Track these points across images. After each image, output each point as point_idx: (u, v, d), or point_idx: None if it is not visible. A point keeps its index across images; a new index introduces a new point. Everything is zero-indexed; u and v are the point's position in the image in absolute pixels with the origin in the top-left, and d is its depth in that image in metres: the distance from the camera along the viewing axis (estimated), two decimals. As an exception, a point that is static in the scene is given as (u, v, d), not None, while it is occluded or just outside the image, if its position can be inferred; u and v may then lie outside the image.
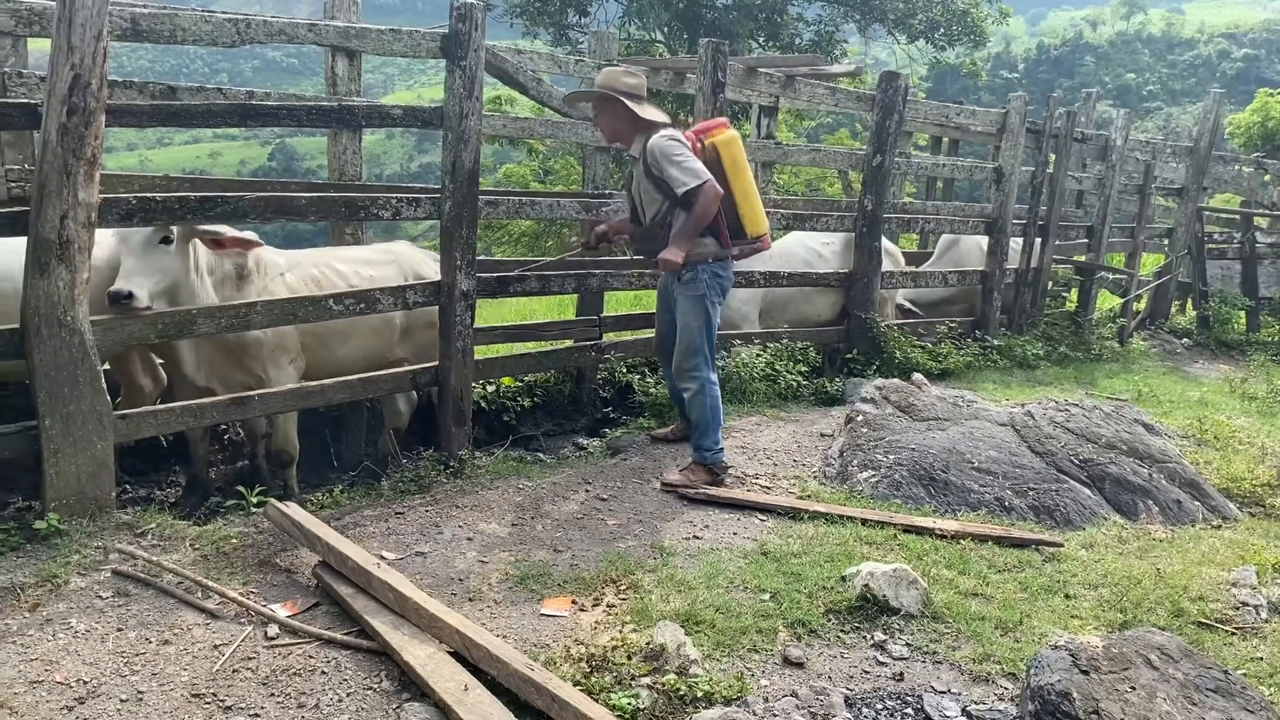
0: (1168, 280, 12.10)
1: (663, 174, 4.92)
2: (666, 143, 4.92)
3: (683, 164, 4.86)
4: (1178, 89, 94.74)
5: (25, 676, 3.12)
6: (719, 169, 5.01)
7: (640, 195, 5.19)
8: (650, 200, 5.12)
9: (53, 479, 4.10)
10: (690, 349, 5.21)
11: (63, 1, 3.78)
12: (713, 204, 4.88)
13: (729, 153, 5.08)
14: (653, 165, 4.95)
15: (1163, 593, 4.10)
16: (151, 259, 4.65)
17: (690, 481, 5.13)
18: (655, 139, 4.95)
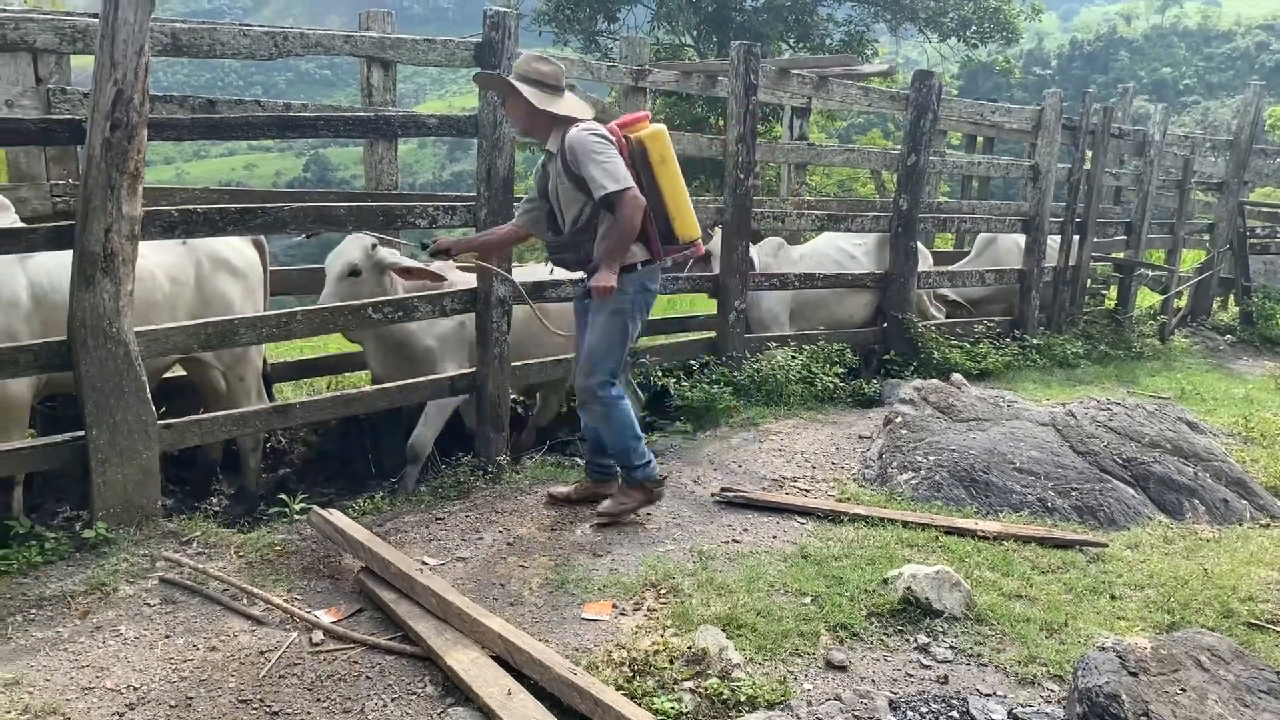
0: (1209, 276, 11.93)
1: (582, 173, 4.37)
2: (588, 137, 4.35)
3: (604, 164, 4.31)
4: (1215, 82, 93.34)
5: (77, 683, 3.17)
6: (646, 167, 4.48)
7: (558, 197, 4.59)
8: (570, 202, 4.53)
9: (100, 488, 4.17)
10: (594, 367, 4.58)
11: (106, 19, 3.84)
12: (636, 214, 4.33)
13: (656, 148, 4.51)
14: (572, 163, 4.38)
15: (1211, 593, 4.03)
16: (342, 288, 5.33)
17: (624, 506, 4.71)
18: (574, 133, 4.37)
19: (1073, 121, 9.49)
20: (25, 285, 4.45)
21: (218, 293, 5.26)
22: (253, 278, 5.51)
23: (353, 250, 5.44)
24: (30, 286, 4.46)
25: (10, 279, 4.39)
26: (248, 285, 5.45)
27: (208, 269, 5.25)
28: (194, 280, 5.19)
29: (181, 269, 5.13)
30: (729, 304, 6.94)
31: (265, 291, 5.68)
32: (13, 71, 4.97)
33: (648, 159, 4.49)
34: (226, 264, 5.33)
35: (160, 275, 4.98)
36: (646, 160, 4.49)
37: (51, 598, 3.71)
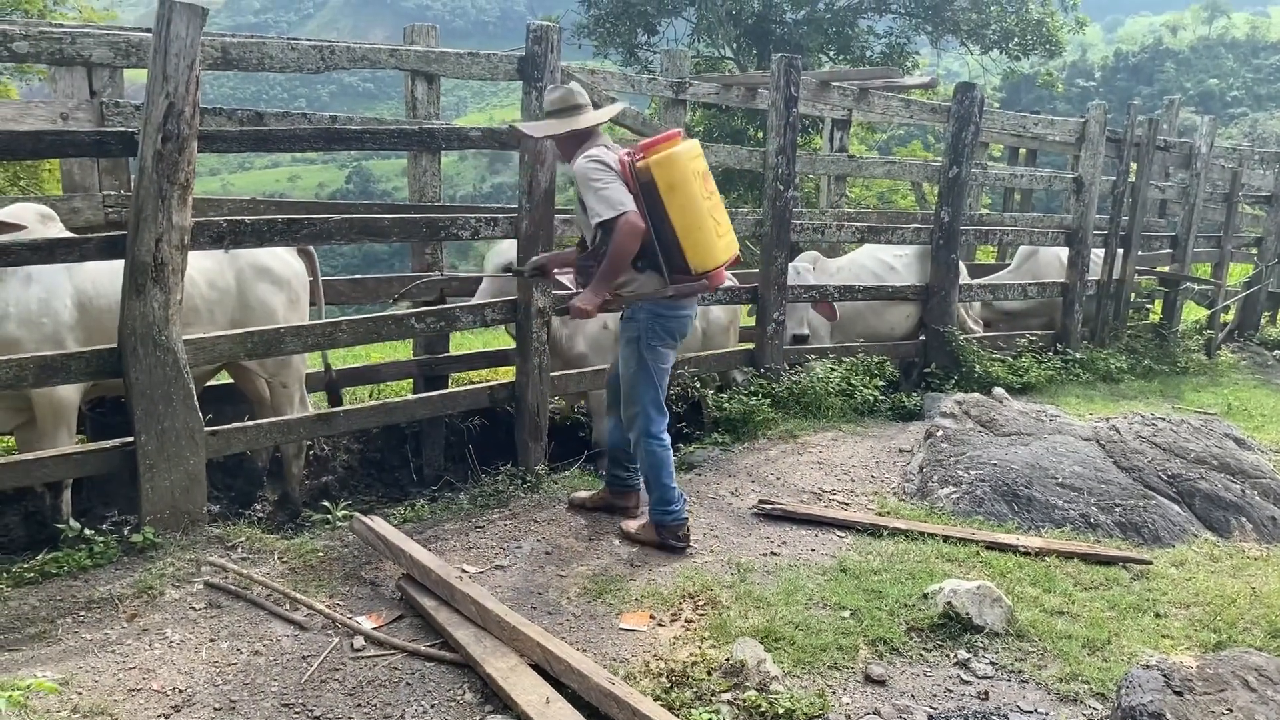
0: (1257, 290, 11.74)
1: (584, 201, 4.33)
2: (588, 166, 4.27)
3: (600, 191, 4.20)
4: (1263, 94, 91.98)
5: (124, 684, 3.23)
6: (654, 195, 4.24)
7: (579, 219, 4.63)
8: (584, 225, 4.51)
9: (148, 493, 4.25)
10: (629, 398, 4.59)
11: (159, 33, 3.93)
12: (629, 240, 4.17)
13: (663, 175, 4.23)
14: (578, 191, 4.40)
15: (1259, 612, 3.97)
16: (497, 284, 5.76)
17: (640, 539, 4.63)
18: (578, 162, 4.33)
19: (1117, 134, 9.39)
20: (71, 292, 4.56)
21: (259, 301, 5.35)
22: (296, 286, 5.58)
23: (510, 250, 5.65)
24: (75, 293, 4.57)
25: (57, 286, 4.51)
26: (291, 294, 5.52)
27: (249, 277, 5.33)
28: (235, 288, 5.28)
29: (222, 276, 5.23)
30: (768, 316, 6.94)
31: (319, 300, 5.76)
32: (68, 84, 5.09)
33: (655, 187, 4.25)
34: (269, 272, 5.41)
35: (200, 281, 5.08)
36: (654, 188, 4.25)
37: (100, 600, 3.78)
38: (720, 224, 4.40)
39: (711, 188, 4.39)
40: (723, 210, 4.47)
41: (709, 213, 4.34)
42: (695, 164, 4.32)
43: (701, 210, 4.31)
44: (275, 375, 5.55)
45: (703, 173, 4.35)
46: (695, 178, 4.29)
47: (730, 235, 4.48)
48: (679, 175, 4.25)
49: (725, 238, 4.43)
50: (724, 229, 4.43)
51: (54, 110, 5.04)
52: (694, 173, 4.29)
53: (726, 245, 4.43)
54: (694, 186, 4.28)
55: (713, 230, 4.35)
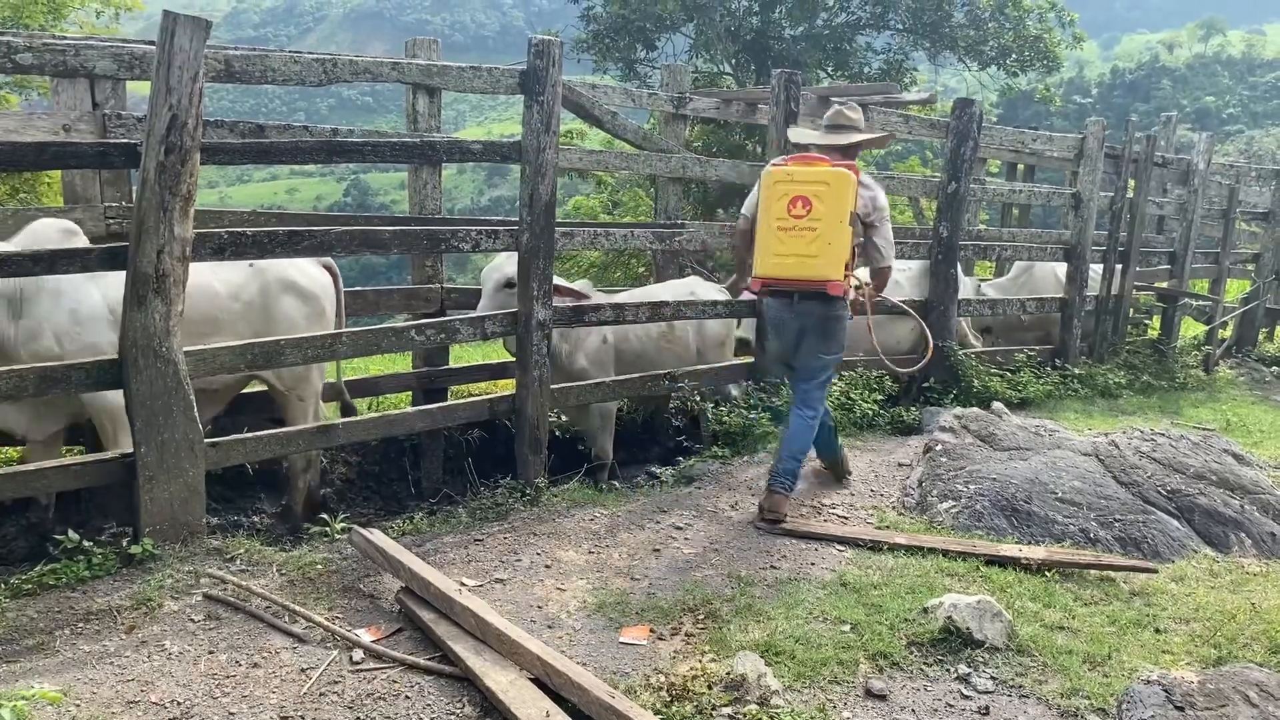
0: (1255, 306, 11.77)
1: (877, 222, 5.22)
2: (880, 193, 5.26)
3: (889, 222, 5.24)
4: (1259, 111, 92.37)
5: (122, 696, 3.22)
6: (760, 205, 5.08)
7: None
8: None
9: (147, 505, 4.24)
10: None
11: (162, 46, 3.94)
12: (734, 238, 5.22)
13: (763, 184, 5.02)
14: (874, 211, 5.19)
15: (1259, 628, 3.96)
16: (499, 299, 5.71)
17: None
18: (875, 187, 5.25)
19: (1115, 150, 9.42)
20: (100, 304, 4.61)
21: (284, 314, 5.43)
22: (323, 301, 5.62)
23: (510, 265, 5.70)
24: (106, 301, 4.62)
25: (87, 299, 4.55)
26: (315, 308, 5.57)
27: (275, 291, 5.38)
28: (260, 301, 5.32)
29: (246, 289, 5.27)
30: (766, 330, 6.93)
31: (340, 314, 5.80)
32: (71, 96, 5.10)
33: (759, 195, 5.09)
34: (294, 286, 5.47)
35: (224, 293, 5.12)
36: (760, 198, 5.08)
37: (98, 612, 3.77)
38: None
39: (799, 211, 4.91)
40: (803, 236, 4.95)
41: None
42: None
43: (771, 223, 5.00)
44: (292, 388, 5.58)
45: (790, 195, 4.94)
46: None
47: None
48: (771, 186, 4.99)
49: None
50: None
51: (56, 122, 5.05)
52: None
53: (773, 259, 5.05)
54: (774, 199, 4.96)
55: (775, 243, 5.00)
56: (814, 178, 4.90)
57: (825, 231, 4.89)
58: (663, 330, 6.77)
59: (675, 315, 6.57)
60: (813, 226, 4.88)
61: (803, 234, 4.89)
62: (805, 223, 4.88)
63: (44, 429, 4.91)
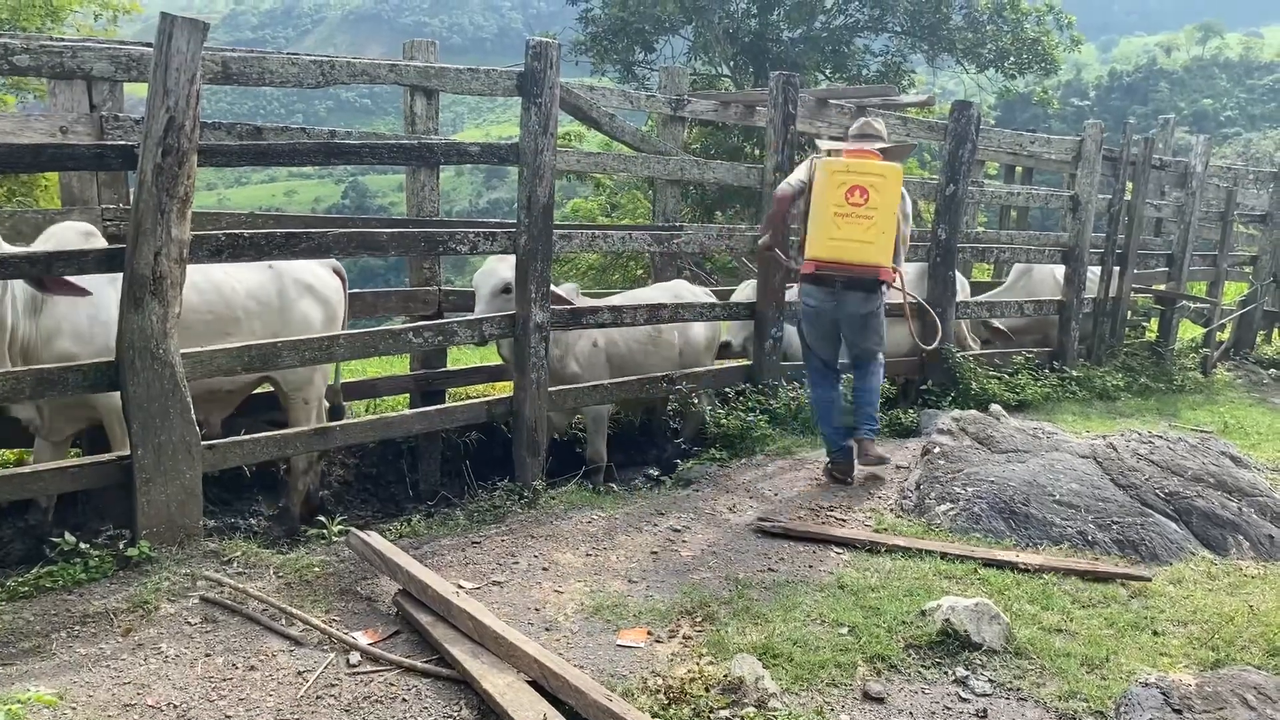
0: (1252, 309, 11.78)
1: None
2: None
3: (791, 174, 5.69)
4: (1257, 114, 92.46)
5: (119, 699, 3.21)
6: (809, 191, 5.50)
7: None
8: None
9: (144, 507, 4.23)
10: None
11: (160, 48, 3.94)
12: (771, 209, 5.65)
13: (818, 174, 5.45)
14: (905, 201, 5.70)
15: (1257, 630, 3.96)
16: (496, 303, 5.77)
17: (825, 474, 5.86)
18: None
19: (1113, 152, 9.43)
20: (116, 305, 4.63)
21: (302, 316, 5.47)
22: (334, 302, 5.64)
23: (504, 270, 5.76)
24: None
25: (105, 301, 4.56)
26: (329, 310, 5.59)
27: (293, 294, 5.40)
28: (277, 302, 5.33)
29: (264, 290, 5.28)
30: (765, 332, 6.94)
31: (345, 316, 5.82)
32: (68, 98, 5.10)
33: (813, 184, 5.47)
34: (311, 289, 5.48)
35: (242, 292, 5.13)
36: (812, 186, 5.47)
37: (95, 615, 3.77)
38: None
39: (857, 199, 5.33)
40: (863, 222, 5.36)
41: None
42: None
43: (826, 207, 5.37)
44: (298, 390, 5.59)
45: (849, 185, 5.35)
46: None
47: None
48: (825, 176, 5.37)
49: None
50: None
51: (53, 123, 5.05)
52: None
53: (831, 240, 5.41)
54: (827, 186, 5.37)
55: (830, 225, 5.37)
56: (872, 170, 5.35)
57: (880, 220, 5.32)
58: (650, 333, 6.77)
59: (674, 317, 6.58)
60: (869, 215, 5.30)
61: (860, 221, 5.30)
62: (863, 211, 5.29)
63: (62, 429, 4.94)
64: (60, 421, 4.87)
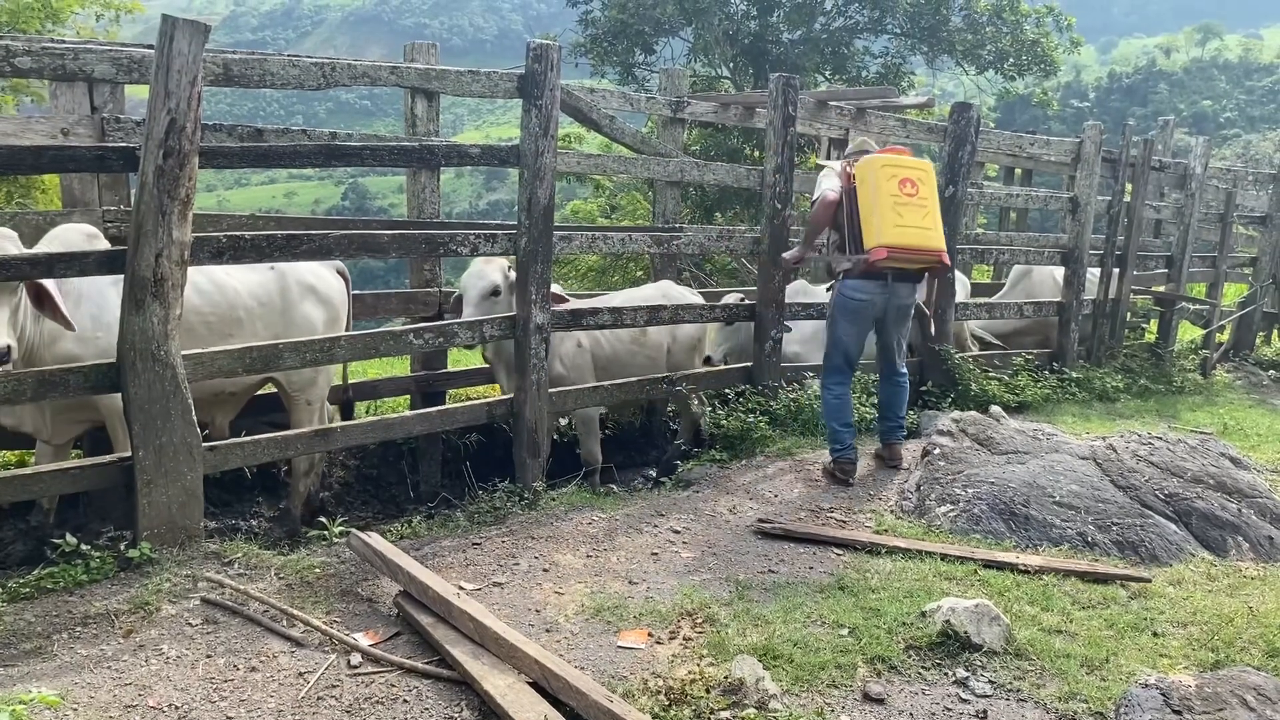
0: (1252, 311, 11.78)
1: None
2: (823, 172, 5.95)
3: (820, 183, 5.83)
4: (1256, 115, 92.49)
5: (120, 700, 3.22)
6: (850, 190, 5.63)
7: None
8: None
9: (145, 508, 4.24)
10: (824, 357, 6.05)
11: (161, 50, 3.95)
12: (817, 212, 5.70)
13: (858, 174, 5.62)
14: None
15: (1256, 631, 3.96)
16: (484, 307, 5.80)
17: (823, 474, 5.87)
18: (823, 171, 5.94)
19: (1112, 154, 9.43)
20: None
21: (304, 317, 5.49)
22: (337, 303, 5.65)
23: (492, 273, 5.81)
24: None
25: (108, 303, 4.57)
26: (332, 313, 5.60)
27: (295, 294, 5.41)
28: (280, 303, 5.34)
29: (265, 288, 5.29)
30: (765, 333, 6.95)
31: (349, 318, 5.82)
32: (69, 100, 5.11)
33: (852, 184, 5.62)
34: (313, 290, 5.49)
35: (244, 293, 5.14)
36: (851, 185, 5.62)
37: (96, 616, 3.77)
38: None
39: (910, 189, 5.57)
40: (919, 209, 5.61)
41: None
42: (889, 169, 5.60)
43: (883, 201, 5.53)
44: (301, 392, 5.60)
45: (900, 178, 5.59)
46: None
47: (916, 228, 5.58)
48: (872, 174, 5.57)
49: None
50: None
51: (55, 125, 5.06)
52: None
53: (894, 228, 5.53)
54: (876, 183, 5.55)
55: (891, 216, 5.51)
56: (914, 164, 5.69)
57: (931, 209, 5.64)
58: (635, 334, 6.74)
59: (674, 319, 6.59)
60: (923, 204, 5.58)
61: (917, 208, 5.55)
62: (917, 200, 5.56)
63: (64, 432, 4.94)
64: (62, 424, 4.87)
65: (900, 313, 5.89)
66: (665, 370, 6.82)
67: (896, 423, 6.12)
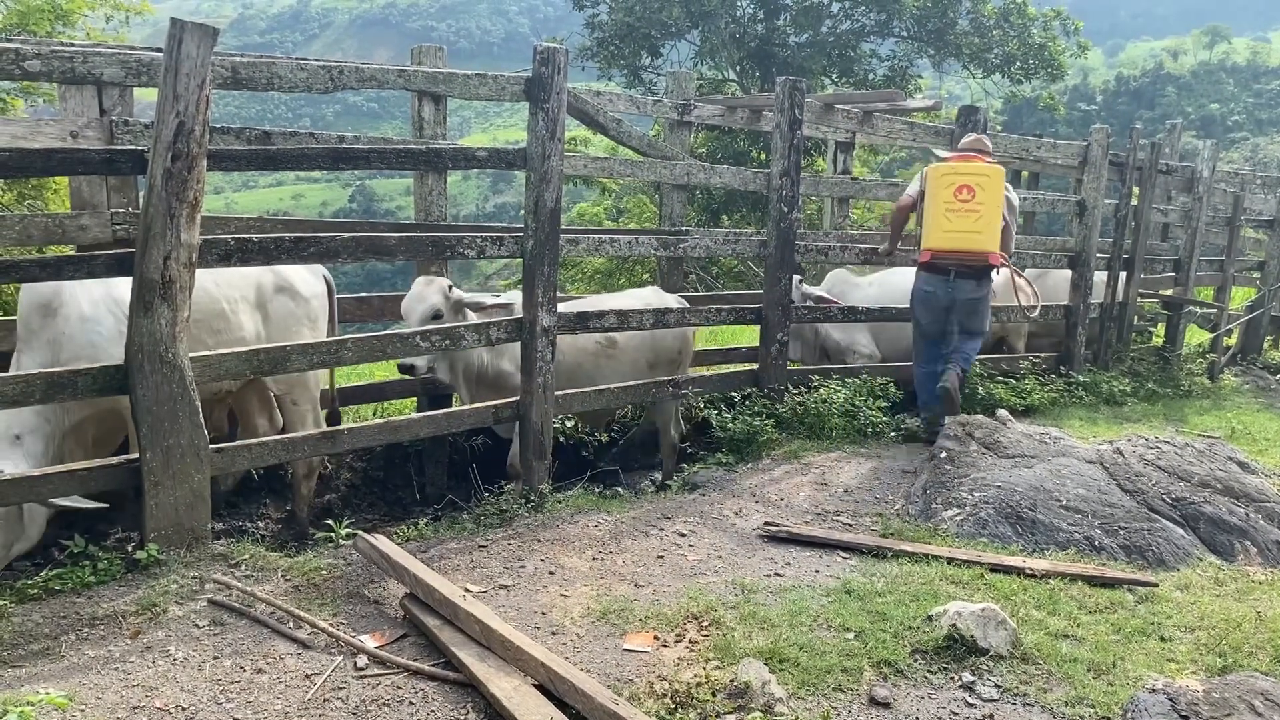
0: (1260, 314, 11.75)
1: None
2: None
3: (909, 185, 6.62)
4: (1264, 118, 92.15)
5: (127, 702, 3.22)
6: (923, 192, 6.41)
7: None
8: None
9: (152, 510, 4.25)
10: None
11: (170, 53, 3.96)
12: (893, 213, 6.76)
13: (929, 177, 6.41)
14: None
15: (1264, 636, 3.95)
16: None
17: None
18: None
19: (1119, 157, 9.42)
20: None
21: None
22: (314, 304, 5.65)
23: (433, 295, 5.76)
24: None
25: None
26: (306, 309, 5.59)
27: (269, 290, 5.42)
28: (254, 297, 5.36)
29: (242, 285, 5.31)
30: (771, 336, 6.95)
31: (332, 321, 5.83)
32: (78, 103, 5.13)
33: (925, 185, 6.42)
34: (288, 288, 5.50)
35: (211, 284, 5.15)
36: (924, 186, 6.43)
37: (103, 617, 3.78)
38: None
39: (965, 196, 6.26)
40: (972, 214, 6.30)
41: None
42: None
43: (941, 205, 6.31)
44: (287, 393, 5.60)
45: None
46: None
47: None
48: (941, 179, 6.32)
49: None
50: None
51: (64, 128, 5.08)
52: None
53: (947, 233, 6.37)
54: (942, 188, 6.32)
55: (946, 220, 6.30)
56: (977, 170, 6.31)
57: (986, 213, 6.20)
58: (601, 345, 6.50)
59: (679, 322, 6.59)
60: (976, 209, 6.16)
61: (967, 215, 6.16)
62: (970, 206, 6.14)
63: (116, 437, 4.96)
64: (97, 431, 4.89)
65: (966, 305, 6.52)
66: (652, 380, 6.60)
67: (959, 357, 6.65)
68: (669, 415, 7.00)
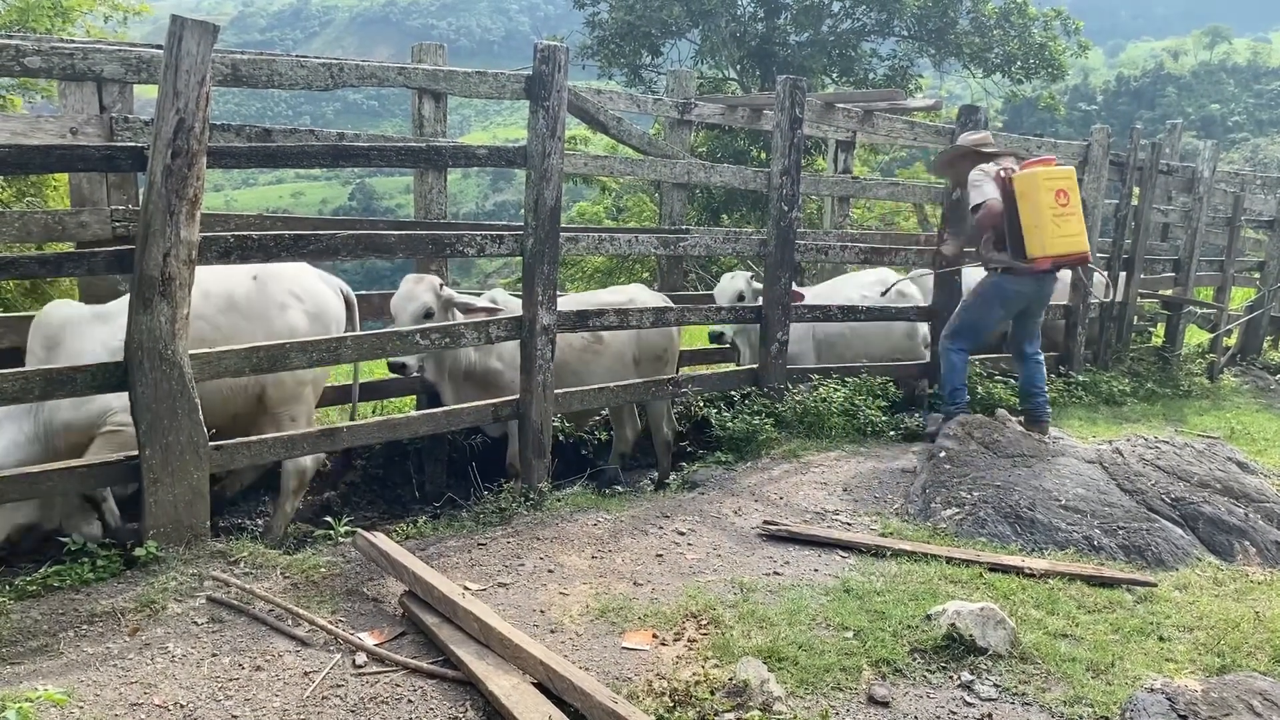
0: (1260, 315, 11.74)
1: (964, 195, 6.64)
2: (973, 174, 6.44)
3: (975, 188, 6.38)
4: (1265, 119, 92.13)
5: (125, 699, 3.22)
6: (1010, 199, 6.27)
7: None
8: (965, 215, 6.92)
9: (151, 507, 4.25)
10: (950, 325, 6.78)
11: (170, 50, 3.96)
12: (984, 218, 6.30)
13: (1019, 186, 6.29)
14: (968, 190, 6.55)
15: (1263, 636, 3.95)
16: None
17: (935, 428, 6.40)
18: (972, 173, 6.46)
19: (1120, 157, 9.42)
20: None
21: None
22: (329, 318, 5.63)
23: (424, 293, 5.72)
24: None
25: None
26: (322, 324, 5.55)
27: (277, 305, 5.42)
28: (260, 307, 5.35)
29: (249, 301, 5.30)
30: (771, 335, 6.95)
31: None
32: (78, 100, 5.13)
33: (1012, 193, 6.27)
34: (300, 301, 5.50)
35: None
36: (1011, 194, 6.27)
37: (102, 614, 3.78)
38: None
39: (1064, 200, 6.27)
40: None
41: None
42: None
43: (1046, 214, 6.25)
44: (283, 406, 5.49)
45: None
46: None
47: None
48: (1034, 188, 6.24)
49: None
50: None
51: (63, 125, 5.07)
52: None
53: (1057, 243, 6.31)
54: (1040, 196, 6.24)
55: (1054, 231, 6.26)
56: (1064, 175, 6.40)
57: (1079, 214, 6.39)
58: (586, 343, 6.50)
59: (680, 320, 6.58)
60: (1074, 212, 6.31)
61: (1070, 218, 6.29)
62: (1069, 209, 6.27)
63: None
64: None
65: (1044, 300, 6.76)
66: (638, 379, 6.58)
67: (1042, 398, 6.71)
68: (660, 413, 7.04)
